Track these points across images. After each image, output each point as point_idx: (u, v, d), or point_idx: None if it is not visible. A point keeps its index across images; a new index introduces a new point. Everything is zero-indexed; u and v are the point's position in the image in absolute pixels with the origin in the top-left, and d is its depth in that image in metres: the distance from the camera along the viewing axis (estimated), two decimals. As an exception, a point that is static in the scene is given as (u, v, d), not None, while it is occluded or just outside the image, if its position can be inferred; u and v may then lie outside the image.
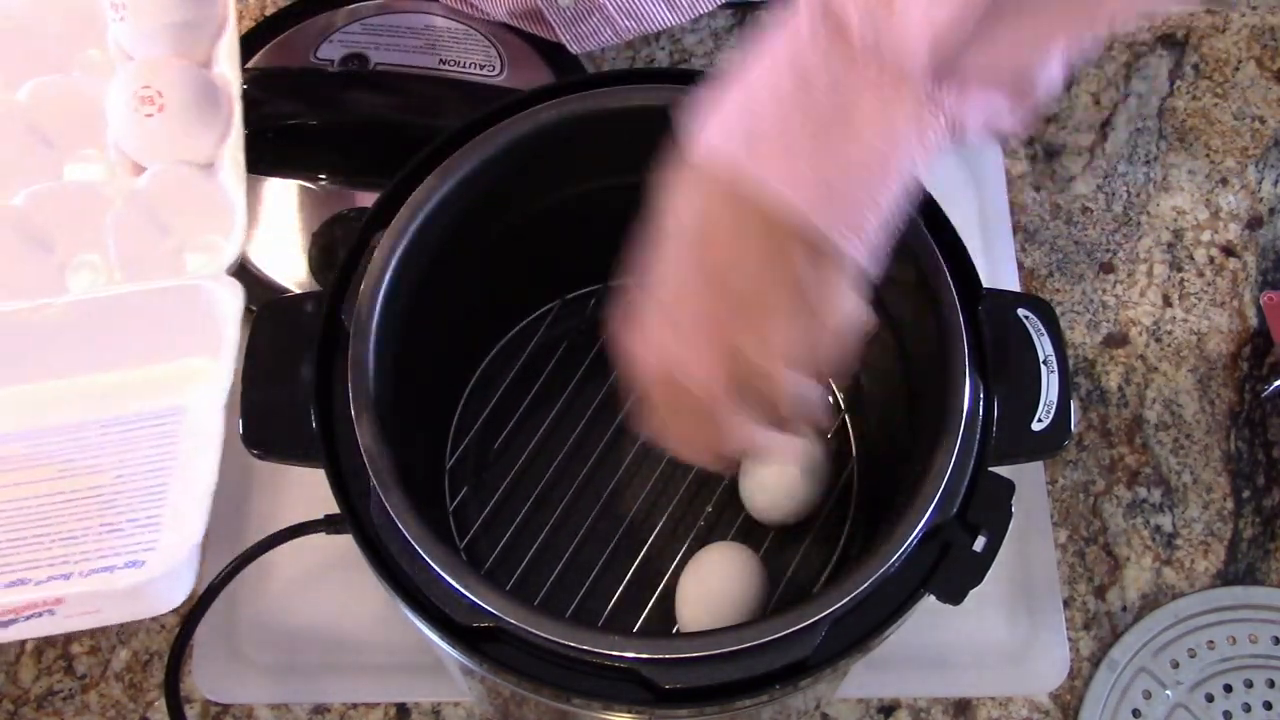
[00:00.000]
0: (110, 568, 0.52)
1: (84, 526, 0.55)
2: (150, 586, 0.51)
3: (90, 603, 0.51)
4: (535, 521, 0.65)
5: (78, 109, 0.67)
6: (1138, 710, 0.66)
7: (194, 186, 0.64)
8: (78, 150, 0.68)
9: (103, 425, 0.59)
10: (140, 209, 0.63)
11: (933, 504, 0.50)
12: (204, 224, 0.64)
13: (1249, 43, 0.84)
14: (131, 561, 0.53)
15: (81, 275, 0.64)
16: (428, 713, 0.66)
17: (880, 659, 0.55)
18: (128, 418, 0.60)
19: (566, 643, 0.47)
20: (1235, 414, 0.74)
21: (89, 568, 0.53)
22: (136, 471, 0.57)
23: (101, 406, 0.60)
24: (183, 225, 0.65)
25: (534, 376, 0.68)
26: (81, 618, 0.51)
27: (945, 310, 0.53)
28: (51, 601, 0.50)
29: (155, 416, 0.59)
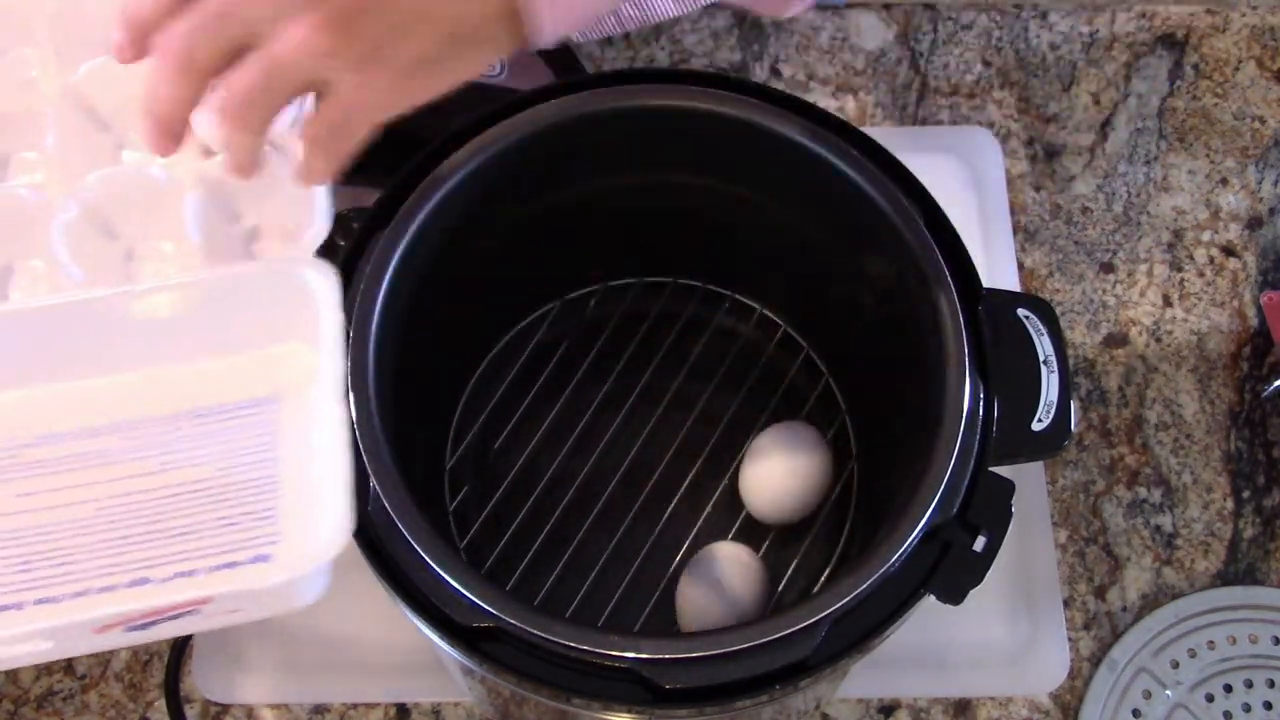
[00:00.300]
0: (234, 563, 0.51)
1: (197, 521, 0.53)
2: (295, 584, 0.50)
3: (235, 602, 0.50)
4: (535, 521, 0.65)
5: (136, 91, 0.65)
6: (1138, 710, 0.66)
7: (270, 170, 0.63)
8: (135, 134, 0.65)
9: (197, 416, 0.57)
10: (213, 193, 0.62)
11: (933, 504, 0.50)
12: (280, 210, 0.62)
13: (1249, 43, 0.84)
14: (257, 556, 0.51)
15: (149, 264, 0.61)
16: (428, 713, 0.66)
17: (880, 659, 0.55)
18: (223, 407, 0.57)
19: (566, 643, 0.47)
20: (1235, 414, 0.74)
21: (212, 564, 0.51)
22: (240, 463, 0.55)
23: (194, 396, 0.58)
24: (256, 211, 0.63)
25: (534, 376, 0.68)
26: (225, 616, 0.51)
27: (945, 310, 0.53)
28: (198, 601, 0.49)
29: (252, 405, 0.57)
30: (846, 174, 0.56)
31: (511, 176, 0.59)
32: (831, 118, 0.58)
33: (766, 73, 0.83)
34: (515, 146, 0.58)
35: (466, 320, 0.66)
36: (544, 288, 0.70)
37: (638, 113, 0.59)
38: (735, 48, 0.84)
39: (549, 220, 0.63)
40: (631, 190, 0.63)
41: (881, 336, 0.61)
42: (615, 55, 0.83)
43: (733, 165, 0.60)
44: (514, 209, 0.61)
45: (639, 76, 0.59)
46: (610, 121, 0.59)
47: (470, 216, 0.59)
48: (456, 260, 0.60)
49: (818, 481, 0.64)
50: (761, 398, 0.67)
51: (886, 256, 0.56)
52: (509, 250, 0.63)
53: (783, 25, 0.84)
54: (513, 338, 0.70)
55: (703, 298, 0.70)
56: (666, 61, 0.83)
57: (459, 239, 0.59)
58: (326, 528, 0.50)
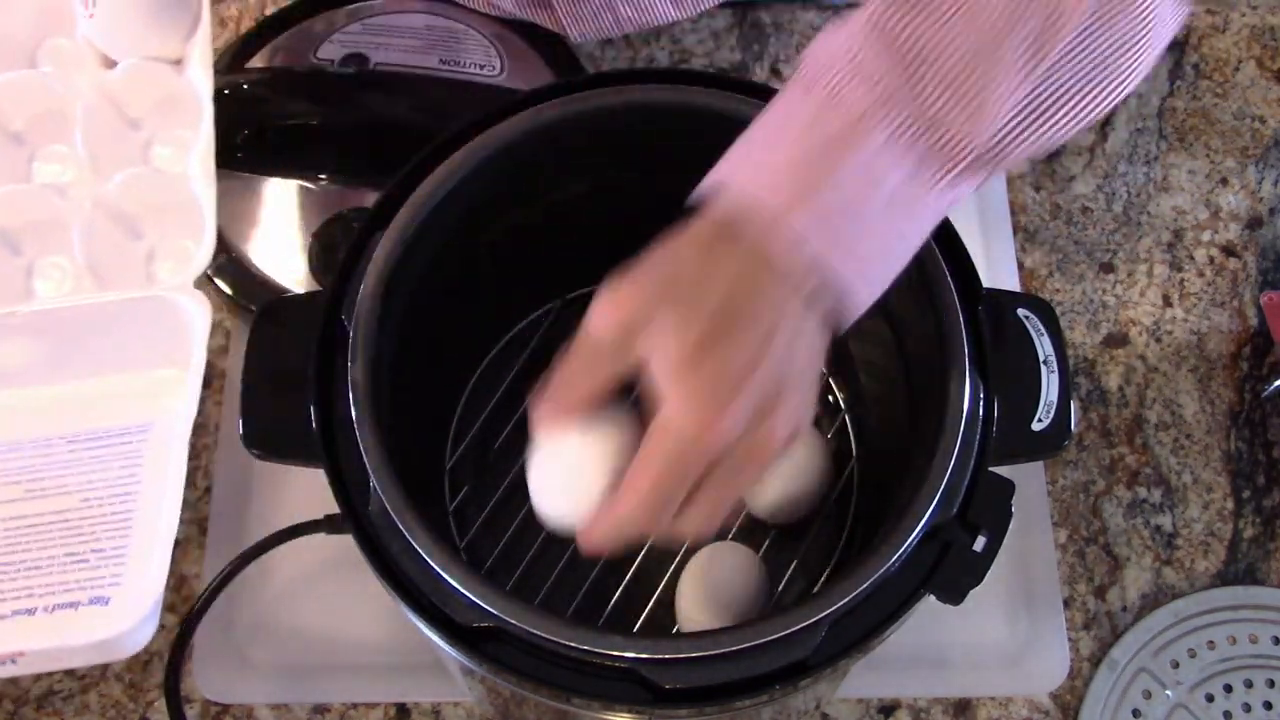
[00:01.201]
0: (75, 603, 0.52)
1: (49, 556, 0.54)
2: (115, 641, 0.51)
3: (54, 657, 0.51)
4: (535, 521, 0.64)
5: (46, 104, 0.66)
6: (1138, 710, 0.66)
7: (164, 192, 0.63)
8: (47, 148, 0.67)
9: (70, 441, 0.58)
10: (109, 213, 0.62)
11: (933, 504, 0.50)
12: (175, 230, 0.63)
13: (1249, 43, 0.84)
14: (96, 598, 0.52)
15: (49, 279, 0.63)
16: (428, 713, 0.66)
17: (880, 659, 0.55)
18: (96, 433, 0.58)
19: (566, 643, 0.47)
20: (1235, 414, 0.74)
21: (54, 602, 0.52)
22: (104, 495, 0.56)
23: (68, 420, 0.59)
24: (153, 230, 0.63)
25: (534, 376, 0.68)
26: (44, 664, 0.51)
27: (945, 310, 0.53)
28: (13, 654, 0.50)
29: (122, 433, 0.58)
30: (846, 174, 0.56)
31: (511, 176, 0.59)
32: (831, 118, 0.57)
33: (766, 73, 0.83)
34: (515, 146, 0.58)
35: (466, 320, 0.66)
36: (544, 288, 0.70)
37: (638, 113, 0.59)
38: (735, 48, 0.84)
39: (549, 220, 0.63)
40: (631, 190, 0.63)
41: (881, 337, 0.60)
42: (615, 55, 0.83)
43: (733, 165, 0.60)
44: (514, 209, 0.61)
45: (639, 76, 0.59)
46: (610, 121, 0.59)
47: (470, 216, 0.59)
48: (456, 260, 0.60)
49: (818, 481, 0.64)
50: (761, 398, 0.67)
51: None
52: (509, 250, 0.63)
53: (783, 25, 0.84)
54: (513, 338, 0.70)
55: (703, 298, 0.70)
56: (666, 61, 0.83)
57: (459, 239, 0.59)
58: (141, 581, 0.51)
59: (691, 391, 0.43)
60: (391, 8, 0.80)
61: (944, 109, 0.44)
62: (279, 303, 0.59)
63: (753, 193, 0.45)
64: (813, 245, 0.44)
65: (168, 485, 0.54)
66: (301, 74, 0.77)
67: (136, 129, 0.67)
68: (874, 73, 0.44)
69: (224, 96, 0.75)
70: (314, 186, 0.74)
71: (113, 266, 0.61)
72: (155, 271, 0.63)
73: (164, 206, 0.63)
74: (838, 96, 0.45)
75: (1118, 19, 0.46)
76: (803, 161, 0.44)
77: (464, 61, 0.78)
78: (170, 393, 0.58)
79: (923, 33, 0.44)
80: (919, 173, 0.45)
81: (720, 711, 0.49)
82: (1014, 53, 0.44)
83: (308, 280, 0.72)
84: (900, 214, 0.45)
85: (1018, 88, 0.45)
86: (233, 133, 0.74)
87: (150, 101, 0.66)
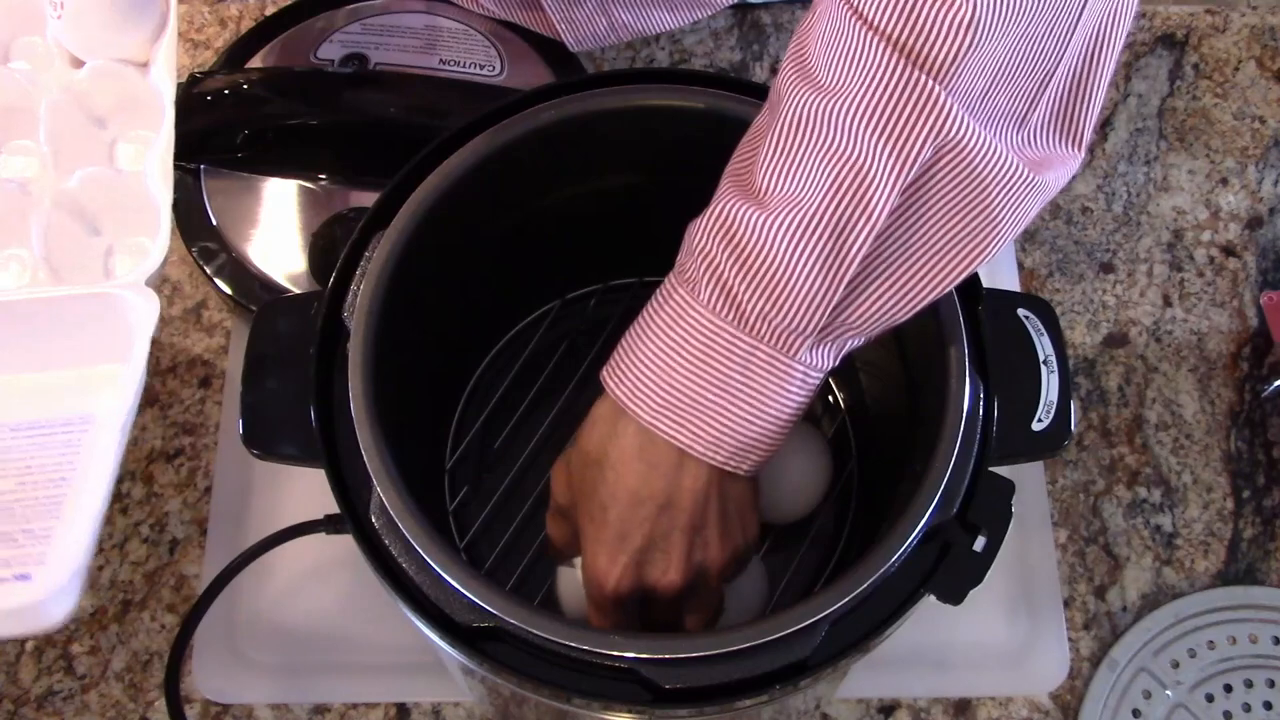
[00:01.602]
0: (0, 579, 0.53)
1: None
2: (31, 608, 0.52)
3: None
4: (535, 521, 0.65)
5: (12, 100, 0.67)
6: (1138, 710, 0.66)
7: (123, 190, 0.64)
8: (11, 142, 0.68)
9: (12, 428, 0.60)
10: (69, 209, 0.63)
11: (933, 504, 0.50)
12: (132, 228, 0.64)
13: (1249, 43, 0.84)
14: (20, 575, 0.53)
15: (8, 271, 0.64)
16: (428, 713, 0.66)
17: (880, 659, 0.55)
18: (38, 423, 0.60)
19: (566, 643, 0.47)
20: (1235, 414, 0.74)
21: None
22: (40, 480, 0.58)
23: (12, 408, 0.60)
24: (111, 228, 0.65)
25: (534, 376, 0.68)
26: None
27: (945, 310, 0.53)
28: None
29: (64, 424, 0.60)
30: (846, 174, 0.56)
31: (511, 176, 0.59)
32: (831, 118, 0.57)
33: (766, 73, 0.83)
34: (515, 146, 0.58)
35: (466, 320, 0.66)
36: (544, 288, 0.70)
37: (638, 113, 0.59)
38: (735, 48, 0.84)
39: (549, 220, 0.63)
40: (631, 190, 0.63)
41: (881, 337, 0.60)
42: (615, 55, 0.83)
43: (733, 165, 0.60)
44: (514, 209, 0.61)
45: (639, 76, 0.59)
46: (610, 121, 0.59)
47: (470, 216, 0.59)
48: (456, 260, 0.60)
49: (818, 481, 0.64)
50: (761, 398, 0.67)
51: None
52: (509, 250, 0.63)
53: (783, 25, 0.84)
54: (513, 338, 0.70)
55: (703, 298, 0.70)
56: (666, 61, 0.83)
57: (459, 239, 0.59)
58: (64, 554, 0.52)
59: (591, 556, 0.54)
60: (391, 8, 0.80)
61: (755, 303, 0.48)
62: (279, 303, 0.59)
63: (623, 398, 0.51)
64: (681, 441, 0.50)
65: (98, 468, 0.55)
66: (301, 74, 0.77)
67: (101, 127, 0.68)
68: (719, 268, 0.48)
69: (224, 96, 0.75)
70: (314, 186, 0.74)
71: (70, 261, 0.63)
72: (113, 267, 0.64)
73: (123, 204, 0.64)
74: (696, 291, 0.49)
75: (948, 197, 0.46)
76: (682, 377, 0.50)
77: (464, 61, 0.78)
78: (114, 386, 0.59)
79: (743, 227, 0.47)
80: (756, 355, 0.49)
81: (720, 711, 0.49)
82: (816, 249, 0.47)
83: (308, 280, 0.72)
84: (754, 392, 0.49)
85: (817, 280, 0.47)
86: (233, 133, 0.74)
87: (115, 101, 0.67)
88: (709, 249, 0.49)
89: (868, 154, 0.45)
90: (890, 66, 0.44)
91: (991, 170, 0.46)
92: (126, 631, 0.68)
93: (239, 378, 0.54)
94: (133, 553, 0.69)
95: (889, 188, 0.45)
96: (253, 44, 0.79)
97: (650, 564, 0.53)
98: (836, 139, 0.45)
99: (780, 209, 0.47)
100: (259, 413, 0.53)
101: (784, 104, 0.47)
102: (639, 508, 0.51)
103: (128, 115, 0.68)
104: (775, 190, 0.47)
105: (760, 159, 0.48)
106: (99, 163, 0.66)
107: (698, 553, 0.53)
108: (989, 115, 0.46)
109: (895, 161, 0.45)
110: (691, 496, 0.51)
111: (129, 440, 0.60)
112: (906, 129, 0.45)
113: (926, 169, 0.46)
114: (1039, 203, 0.48)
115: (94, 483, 0.55)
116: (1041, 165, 0.48)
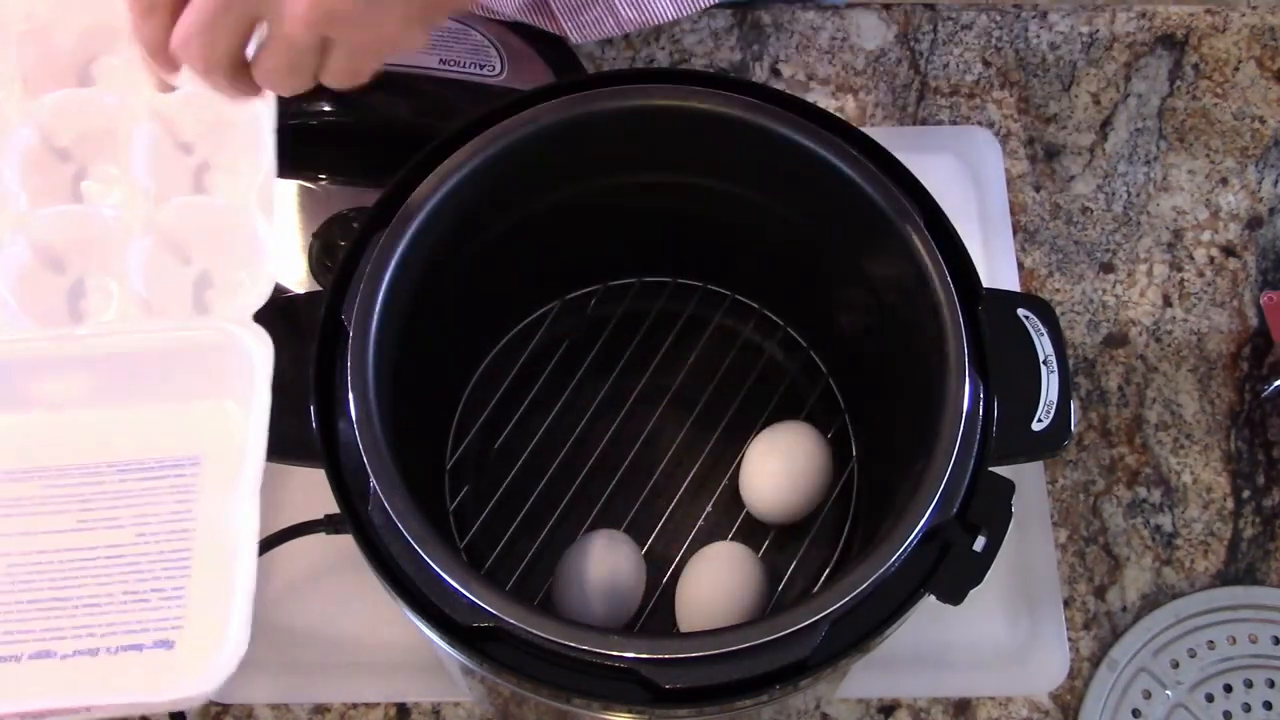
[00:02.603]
0: (140, 645, 0.51)
1: (107, 593, 0.52)
2: (172, 677, 0.50)
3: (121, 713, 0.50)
4: (535, 521, 0.65)
5: (98, 124, 0.64)
6: (1138, 710, 0.66)
7: (221, 222, 0.62)
8: (96, 166, 0.64)
9: (120, 470, 0.57)
10: (162, 239, 0.61)
11: (933, 504, 0.50)
12: (229, 260, 0.63)
13: (1249, 43, 0.84)
14: (160, 641, 0.51)
15: (94, 301, 0.61)
16: (428, 713, 0.66)
17: (880, 659, 0.55)
18: (146, 463, 0.57)
19: (566, 643, 0.47)
20: (1235, 414, 0.74)
21: (116, 644, 0.51)
22: (156, 532, 0.55)
23: (119, 447, 0.57)
24: (205, 260, 0.63)
25: (534, 376, 0.68)
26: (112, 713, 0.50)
27: (945, 310, 0.53)
28: (80, 709, 0.49)
29: (175, 464, 0.57)
30: (846, 174, 0.56)
31: (511, 176, 0.59)
32: (831, 118, 0.58)
33: (766, 73, 0.83)
34: (515, 146, 0.58)
35: (467, 320, 0.66)
36: (544, 288, 0.70)
37: (638, 113, 0.59)
38: (735, 48, 0.84)
39: (549, 220, 0.63)
40: (631, 190, 0.63)
41: (881, 337, 0.61)
42: (615, 55, 0.83)
43: (733, 165, 0.60)
44: (514, 209, 0.61)
45: (639, 76, 0.59)
46: (610, 121, 0.59)
47: (470, 217, 0.59)
48: (456, 260, 0.60)
49: (818, 481, 0.64)
50: (761, 398, 0.67)
51: (886, 256, 0.56)
52: (509, 250, 0.63)
53: (783, 25, 0.84)
54: (513, 338, 0.70)
55: (702, 298, 0.70)
56: (666, 61, 0.83)
57: (459, 239, 0.59)
58: (226, 645, 0.50)
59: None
60: (391, 8, 0.80)
61: None
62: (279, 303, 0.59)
63: None
64: None
65: (241, 549, 0.51)
66: (301, 74, 0.77)
67: (188, 154, 0.65)
68: None
69: (224, 96, 0.75)
70: (314, 186, 0.74)
71: (162, 293, 0.60)
72: (207, 302, 0.62)
73: (217, 235, 0.62)
74: None
75: None
76: None
77: (464, 61, 0.78)
78: (221, 427, 0.57)
79: None
80: None
81: (720, 711, 0.49)
82: None
83: (308, 280, 0.72)
84: None
85: None
86: (233, 133, 0.74)
87: (204, 127, 0.65)
88: None
89: None
90: None
91: None
92: (126, 631, 0.68)
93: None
94: (133, 553, 0.69)
95: None
96: (253, 44, 0.79)
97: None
98: None
99: None
100: (259, 413, 0.53)
101: None
102: None
103: (218, 141, 0.66)
104: None
105: None
106: (187, 191, 0.64)
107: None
108: None
109: None
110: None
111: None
112: None
113: None
114: None
115: (243, 548, 0.51)
116: None
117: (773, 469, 0.64)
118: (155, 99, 0.64)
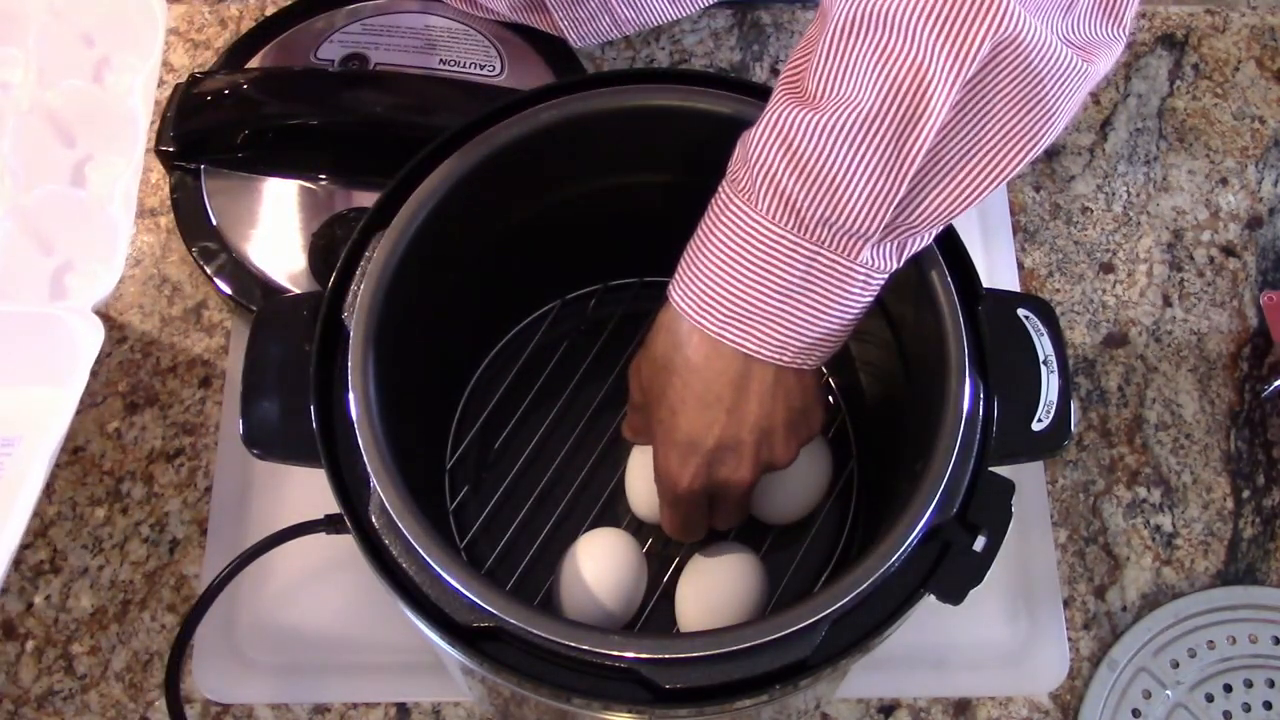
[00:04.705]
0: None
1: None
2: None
3: None
4: (535, 521, 0.65)
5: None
6: (1138, 710, 0.66)
7: (82, 212, 0.63)
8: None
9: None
10: (24, 226, 0.62)
11: (933, 504, 0.50)
12: (89, 250, 0.63)
13: (1249, 43, 0.84)
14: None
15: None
16: (428, 713, 0.66)
17: (880, 659, 0.55)
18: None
19: (566, 643, 0.47)
20: (1235, 414, 0.74)
21: None
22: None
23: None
24: (66, 248, 0.63)
25: (534, 377, 0.68)
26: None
27: (945, 310, 0.53)
28: None
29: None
30: (846, 174, 0.56)
31: (511, 176, 0.59)
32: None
33: (766, 73, 0.83)
34: (515, 146, 0.58)
35: (466, 320, 0.66)
36: (544, 288, 0.70)
37: (638, 113, 0.59)
38: (735, 48, 0.84)
39: (549, 220, 0.63)
40: (632, 190, 0.63)
41: (881, 337, 0.60)
42: (615, 55, 0.83)
43: (733, 165, 0.60)
44: (514, 209, 0.61)
45: (639, 76, 0.59)
46: (610, 121, 0.59)
47: (470, 217, 0.59)
48: (457, 260, 0.60)
49: (818, 481, 0.64)
50: (761, 398, 0.67)
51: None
52: (509, 250, 0.63)
53: (783, 25, 0.84)
54: (513, 338, 0.70)
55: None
56: (666, 61, 0.83)
57: (459, 239, 0.59)
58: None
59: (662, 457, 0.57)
60: (392, 8, 0.80)
61: (814, 209, 0.49)
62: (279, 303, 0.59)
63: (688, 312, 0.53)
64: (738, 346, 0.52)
65: (20, 496, 0.54)
66: (301, 74, 0.77)
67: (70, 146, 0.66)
68: (776, 176, 0.49)
69: (224, 96, 0.75)
70: (314, 186, 0.75)
71: (19, 279, 0.61)
72: (64, 289, 0.63)
73: (81, 227, 0.62)
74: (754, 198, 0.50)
75: (1004, 92, 0.47)
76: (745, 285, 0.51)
77: (464, 61, 0.78)
78: (44, 410, 0.58)
79: (798, 133, 0.48)
80: (818, 261, 0.50)
81: (720, 711, 0.49)
82: (875, 151, 0.47)
83: (308, 280, 0.72)
84: (818, 297, 0.51)
85: (878, 181, 0.48)
86: (233, 133, 0.74)
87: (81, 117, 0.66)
88: (765, 157, 0.49)
89: (925, 52, 0.45)
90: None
91: (1046, 63, 0.46)
92: (127, 631, 0.68)
93: (239, 378, 0.54)
94: (133, 553, 0.69)
95: (949, 86, 0.45)
96: (253, 44, 0.79)
97: (721, 464, 0.55)
98: (892, 39, 0.45)
99: (837, 112, 0.47)
100: (259, 413, 0.53)
101: (835, 10, 0.47)
102: (707, 411, 0.53)
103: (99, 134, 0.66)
104: (830, 94, 0.47)
105: (814, 65, 0.48)
106: (62, 182, 0.64)
107: (764, 452, 0.55)
108: (1039, 3, 0.46)
109: (954, 59, 0.45)
110: (759, 400, 0.52)
111: (130, 440, 0.59)
112: (965, 26, 0.44)
113: (984, 65, 0.46)
114: (1086, 90, 0.49)
115: (16, 510, 0.53)
116: (1086, 51, 0.48)
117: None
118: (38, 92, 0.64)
